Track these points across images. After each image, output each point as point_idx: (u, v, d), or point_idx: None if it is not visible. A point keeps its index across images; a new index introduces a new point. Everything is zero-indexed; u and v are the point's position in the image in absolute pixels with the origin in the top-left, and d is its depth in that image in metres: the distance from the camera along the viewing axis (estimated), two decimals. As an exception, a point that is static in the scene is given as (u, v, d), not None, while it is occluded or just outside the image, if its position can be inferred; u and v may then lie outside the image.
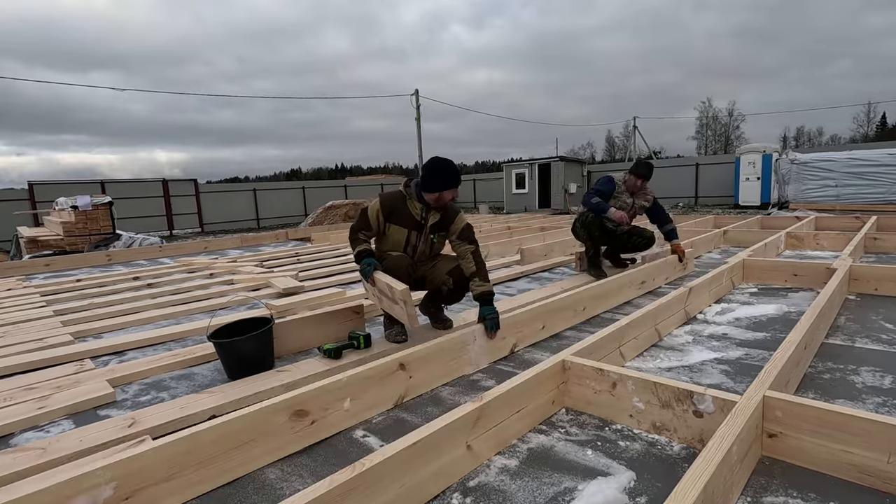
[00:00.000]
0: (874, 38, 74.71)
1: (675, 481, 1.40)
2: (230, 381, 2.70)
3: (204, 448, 1.77)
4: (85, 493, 1.51)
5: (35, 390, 2.67)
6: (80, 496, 1.50)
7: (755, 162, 15.09)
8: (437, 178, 2.93)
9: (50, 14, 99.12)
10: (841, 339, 3.03)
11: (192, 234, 17.59)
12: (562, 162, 19.54)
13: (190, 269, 6.88)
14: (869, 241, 6.11)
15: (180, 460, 1.71)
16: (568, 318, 3.54)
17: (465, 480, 1.78)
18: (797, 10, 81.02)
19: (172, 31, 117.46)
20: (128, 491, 1.60)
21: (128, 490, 1.60)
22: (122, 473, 1.59)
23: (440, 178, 2.93)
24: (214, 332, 2.80)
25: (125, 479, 1.59)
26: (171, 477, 1.69)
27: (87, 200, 10.51)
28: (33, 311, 4.57)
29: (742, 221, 8.48)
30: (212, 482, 1.79)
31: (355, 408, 2.24)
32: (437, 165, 2.95)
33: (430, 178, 2.94)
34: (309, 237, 10.47)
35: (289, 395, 2.04)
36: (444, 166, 2.95)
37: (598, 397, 2.19)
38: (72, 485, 1.50)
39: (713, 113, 54.67)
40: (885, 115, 52.97)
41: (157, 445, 1.69)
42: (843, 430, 1.69)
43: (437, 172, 2.93)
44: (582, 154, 60.96)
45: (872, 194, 12.02)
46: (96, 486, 1.54)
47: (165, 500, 1.69)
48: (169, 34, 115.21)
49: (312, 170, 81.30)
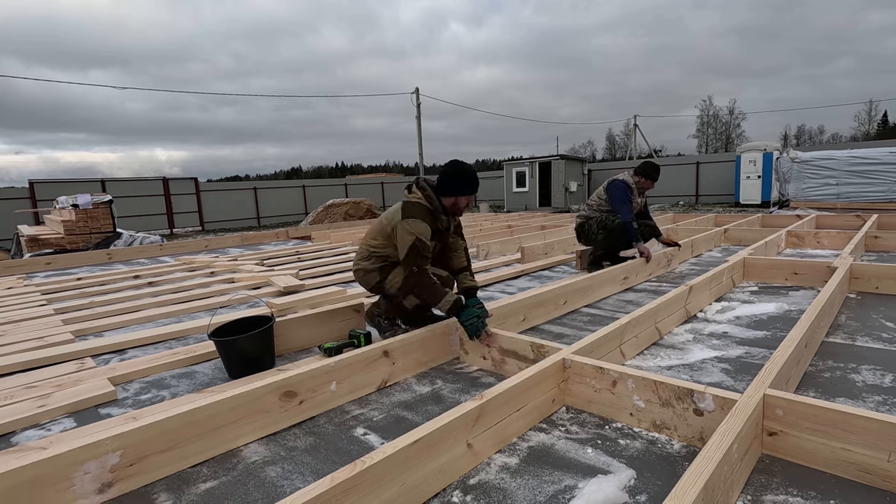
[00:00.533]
0: (875, 37, 74.69)
1: (675, 479, 1.40)
2: (231, 380, 2.71)
3: (201, 423, 1.94)
4: (95, 459, 1.71)
5: (36, 389, 2.67)
6: (92, 461, 1.70)
7: (756, 160, 15.08)
8: (460, 183, 2.87)
9: (49, 12, 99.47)
10: (841, 337, 3.03)
11: (192, 233, 17.60)
12: (562, 160, 19.52)
13: (190, 267, 6.88)
14: (870, 240, 6.11)
15: (179, 433, 1.89)
16: (549, 312, 3.66)
17: (465, 478, 1.78)
18: (798, 8, 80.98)
19: (171, 29, 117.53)
20: (132, 458, 1.79)
21: (132, 458, 1.79)
22: (127, 443, 1.77)
23: (463, 182, 2.88)
24: (215, 331, 2.81)
25: (129, 448, 1.78)
26: (171, 447, 1.87)
27: (88, 199, 10.51)
28: (34, 310, 4.58)
29: (743, 220, 8.48)
30: (207, 453, 1.97)
31: (341, 390, 2.41)
32: (461, 169, 2.90)
33: (454, 183, 2.88)
34: (309, 236, 10.47)
35: (279, 377, 2.19)
36: (467, 171, 2.90)
37: (599, 395, 2.20)
38: (85, 451, 1.69)
39: (714, 111, 54.68)
40: (887, 113, 52.98)
41: (159, 420, 1.85)
42: (844, 429, 1.69)
43: (463, 177, 2.88)
44: (582, 152, 61.00)
45: (873, 193, 12.01)
46: (105, 454, 1.73)
47: (166, 467, 1.87)
48: (168, 32, 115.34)
49: (313, 168, 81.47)
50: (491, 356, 2.74)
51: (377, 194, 24.60)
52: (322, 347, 2.89)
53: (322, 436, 2.14)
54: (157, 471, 1.84)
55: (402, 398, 2.47)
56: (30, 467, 1.57)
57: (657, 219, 8.94)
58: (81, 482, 1.67)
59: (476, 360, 2.84)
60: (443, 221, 2.95)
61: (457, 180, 2.89)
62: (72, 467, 1.66)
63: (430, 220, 2.86)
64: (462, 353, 2.92)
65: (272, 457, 1.98)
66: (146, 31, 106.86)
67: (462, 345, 2.90)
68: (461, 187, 2.89)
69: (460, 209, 2.95)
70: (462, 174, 2.89)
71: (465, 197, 2.91)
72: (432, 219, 2.88)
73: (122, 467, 1.76)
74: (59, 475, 1.63)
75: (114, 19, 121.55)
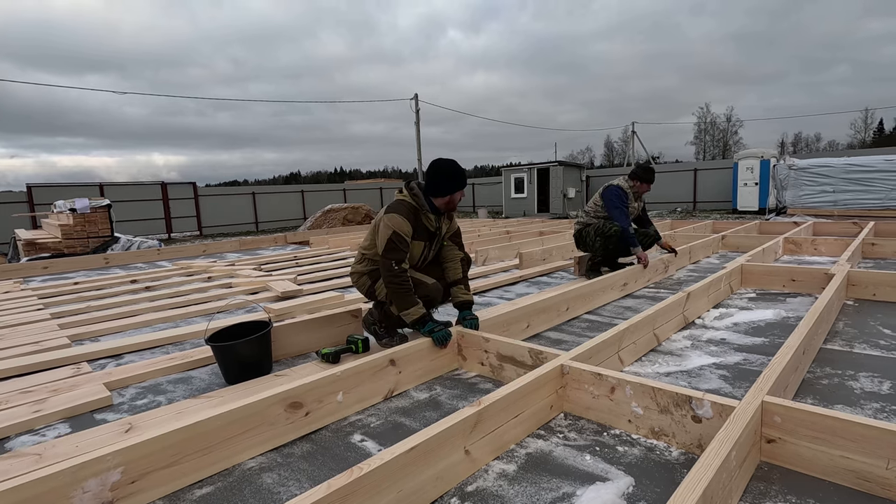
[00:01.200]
0: (872, 45, 75.27)
1: (673, 487, 1.39)
2: (228, 386, 2.70)
3: (204, 437, 1.88)
4: (95, 477, 1.65)
5: (31, 394, 2.66)
6: (92, 479, 1.64)
7: (753, 167, 15.15)
8: (448, 181, 2.85)
9: (43, 16, 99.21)
10: (839, 344, 3.03)
11: (190, 238, 17.57)
12: (561, 167, 19.58)
13: (188, 272, 6.87)
14: (867, 247, 6.12)
15: (182, 448, 1.82)
16: (551, 318, 3.66)
17: (463, 485, 1.77)
18: (796, 15, 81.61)
19: (167, 34, 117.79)
20: (134, 475, 1.72)
21: (134, 474, 1.72)
22: (128, 459, 1.71)
23: (450, 180, 2.85)
24: (212, 336, 2.80)
25: (131, 465, 1.72)
26: (174, 463, 1.81)
27: (86, 203, 10.49)
28: (30, 314, 4.56)
29: (740, 226, 8.50)
30: (212, 468, 1.90)
31: (348, 400, 2.36)
32: (445, 167, 2.87)
33: (439, 182, 2.85)
34: (307, 241, 10.47)
35: (285, 388, 2.14)
36: (452, 167, 2.87)
37: (597, 402, 2.19)
38: (85, 468, 1.63)
39: (711, 118, 54.92)
40: (883, 122, 53.29)
41: (161, 434, 1.78)
42: (842, 436, 1.69)
43: (446, 174, 2.85)
44: (581, 159, 61.18)
45: (870, 200, 12.05)
46: (106, 470, 1.67)
47: (169, 484, 1.80)
48: (164, 37, 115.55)
49: (311, 173, 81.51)
50: (489, 362, 2.74)
51: (376, 199, 24.61)
52: (319, 353, 2.88)
53: (319, 442, 2.12)
54: (159, 488, 1.78)
55: (399, 404, 2.46)
56: (28, 486, 1.51)
57: (655, 225, 8.94)
58: (81, 501, 1.61)
59: (474, 366, 2.83)
60: (431, 221, 2.93)
61: (443, 178, 2.86)
62: (71, 486, 1.59)
63: (412, 218, 2.85)
64: (460, 360, 2.91)
65: (269, 463, 1.97)
66: (141, 35, 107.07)
67: (460, 351, 2.90)
68: (449, 185, 2.87)
69: (454, 205, 2.94)
70: (447, 172, 2.86)
71: (458, 192, 2.90)
72: (415, 217, 2.87)
73: (123, 485, 1.69)
74: (58, 494, 1.57)
75: (107, 23, 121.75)
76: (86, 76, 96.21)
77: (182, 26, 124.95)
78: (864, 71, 76.75)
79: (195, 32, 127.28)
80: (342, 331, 3.31)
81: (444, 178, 2.85)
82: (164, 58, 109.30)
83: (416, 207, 2.89)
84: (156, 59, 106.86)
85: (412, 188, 2.94)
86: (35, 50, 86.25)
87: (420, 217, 2.90)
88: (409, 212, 2.85)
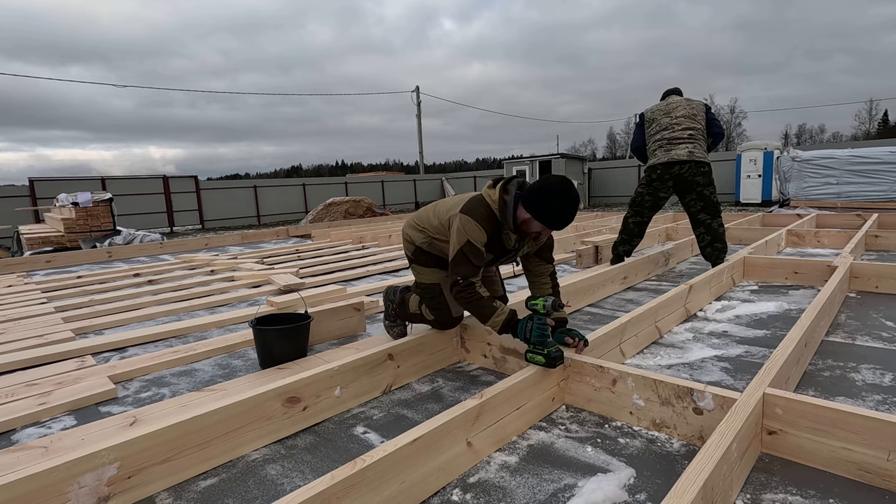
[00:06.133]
0: (877, 34, 74.56)
1: (674, 478, 1.40)
2: (235, 378, 2.71)
3: (201, 431, 1.87)
4: (91, 472, 1.63)
5: (36, 386, 2.68)
6: (88, 474, 1.63)
7: (756, 159, 15.06)
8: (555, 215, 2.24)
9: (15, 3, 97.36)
10: (841, 336, 3.03)
11: (192, 231, 17.60)
12: (563, 159, 19.52)
13: (191, 265, 6.88)
14: (870, 239, 6.10)
15: (179, 442, 1.82)
16: None
17: (465, 477, 1.79)
18: (799, 4, 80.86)
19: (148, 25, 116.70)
20: (130, 470, 1.71)
21: (130, 470, 1.71)
22: (125, 454, 1.70)
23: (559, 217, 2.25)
24: (260, 319, 2.92)
25: (128, 460, 1.71)
26: (171, 458, 1.80)
27: (88, 197, 10.50)
28: (34, 308, 4.58)
29: (743, 219, 8.47)
30: (209, 463, 1.90)
31: (346, 395, 2.35)
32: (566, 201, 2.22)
33: (547, 209, 2.24)
34: (309, 234, 10.47)
35: (282, 383, 2.12)
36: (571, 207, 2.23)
37: (599, 394, 2.20)
38: (81, 463, 1.61)
39: (715, 110, 54.54)
40: (887, 113, 52.96)
41: (158, 429, 1.77)
42: (843, 428, 1.69)
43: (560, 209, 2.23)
44: (583, 151, 60.96)
45: (874, 192, 11.99)
46: (102, 466, 1.65)
47: (166, 479, 1.79)
48: (145, 27, 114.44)
49: (313, 166, 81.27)
50: (492, 354, 2.75)
51: (377, 193, 24.57)
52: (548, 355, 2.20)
53: (322, 434, 2.14)
54: (156, 482, 1.77)
55: (401, 396, 2.47)
56: (23, 482, 1.50)
57: (658, 218, 8.87)
58: (77, 497, 1.60)
59: (477, 358, 2.84)
60: (510, 239, 2.41)
61: (555, 210, 2.23)
62: (66, 482, 1.58)
63: (489, 227, 2.37)
64: (463, 352, 2.92)
65: (272, 455, 1.98)
66: (121, 26, 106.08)
67: (462, 343, 2.90)
68: (553, 220, 2.25)
69: (529, 232, 2.35)
70: (563, 209, 2.22)
71: (542, 226, 2.29)
72: (493, 227, 2.38)
73: (119, 479, 1.68)
74: (54, 490, 1.56)
75: (85, 13, 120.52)
76: (68, 67, 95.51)
77: (162, 17, 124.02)
78: (869, 60, 76.23)
79: (178, 21, 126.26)
80: (344, 324, 3.32)
81: (556, 210, 2.23)
82: (148, 48, 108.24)
83: (499, 223, 2.39)
84: (140, 49, 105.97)
85: (507, 192, 2.36)
86: (12, 41, 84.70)
87: (500, 232, 2.42)
88: (486, 219, 2.36)
